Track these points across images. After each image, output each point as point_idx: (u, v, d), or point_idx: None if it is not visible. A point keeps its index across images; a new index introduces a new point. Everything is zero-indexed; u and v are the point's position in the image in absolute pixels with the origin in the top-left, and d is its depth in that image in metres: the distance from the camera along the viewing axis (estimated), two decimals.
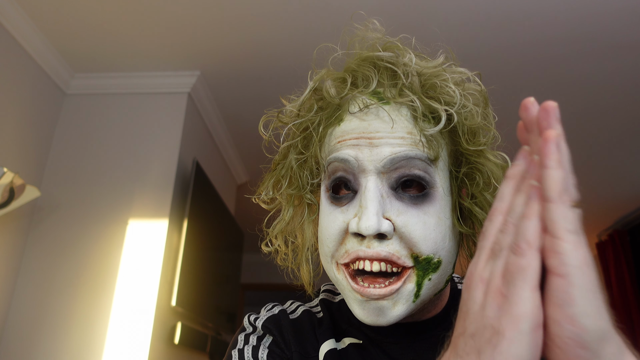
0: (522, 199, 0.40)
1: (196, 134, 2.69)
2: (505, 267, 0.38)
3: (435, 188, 0.58)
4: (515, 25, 2.18)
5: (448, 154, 0.62)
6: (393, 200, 0.57)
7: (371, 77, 0.61)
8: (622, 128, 2.97)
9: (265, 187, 0.69)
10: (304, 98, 0.65)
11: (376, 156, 0.57)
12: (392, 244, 0.56)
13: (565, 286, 0.35)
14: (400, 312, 0.57)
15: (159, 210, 2.31)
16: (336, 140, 0.61)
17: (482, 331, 0.37)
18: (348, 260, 0.58)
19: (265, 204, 0.71)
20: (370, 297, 0.56)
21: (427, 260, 0.57)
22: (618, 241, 4.35)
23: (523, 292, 0.35)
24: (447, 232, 0.58)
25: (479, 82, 0.64)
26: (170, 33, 2.26)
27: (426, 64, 0.62)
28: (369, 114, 0.60)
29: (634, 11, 2.08)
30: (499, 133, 0.64)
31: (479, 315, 0.38)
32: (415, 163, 0.57)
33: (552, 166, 0.37)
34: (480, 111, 0.61)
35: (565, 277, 0.35)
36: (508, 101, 2.84)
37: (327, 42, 0.68)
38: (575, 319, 0.34)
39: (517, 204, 0.40)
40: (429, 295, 0.59)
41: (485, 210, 0.60)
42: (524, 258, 0.36)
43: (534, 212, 0.38)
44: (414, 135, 0.58)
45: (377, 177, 0.57)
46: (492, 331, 0.36)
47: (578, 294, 0.34)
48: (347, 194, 0.60)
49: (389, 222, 0.56)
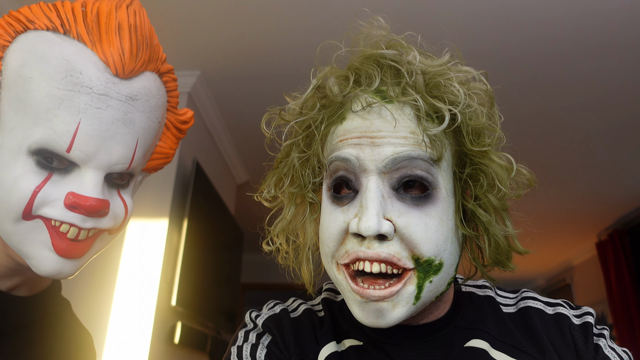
0: None
1: (196, 134, 2.69)
2: None
3: (438, 189, 0.57)
4: (517, 24, 2.18)
5: (452, 155, 0.60)
6: (394, 201, 0.56)
7: (374, 75, 0.60)
8: (622, 128, 2.97)
9: (267, 185, 0.69)
10: (306, 96, 0.65)
11: (378, 156, 0.56)
12: (393, 245, 0.55)
13: None
14: (400, 315, 0.56)
15: (159, 210, 2.31)
16: (338, 139, 0.60)
17: None
18: (348, 260, 0.57)
19: (268, 202, 0.70)
20: (370, 298, 0.55)
21: (428, 262, 0.56)
22: (618, 241, 4.34)
23: None
24: (449, 234, 0.57)
25: (485, 81, 0.63)
26: (170, 33, 2.26)
27: (431, 62, 0.61)
28: (371, 112, 0.59)
29: (634, 11, 2.08)
30: (504, 133, 0.64)
31: None
32: (418, 163, 0.56)
33: None
34: (485, 111, 0.60)
35: None
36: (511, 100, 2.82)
37: (329, 41, 0.68)
38: None
39: None
40: (430, 297, 0.58)
41: (489, 212, 0.59)
42: None
43: None
44: (417, 135, 0.57)
45: (379, 177, 0.57)
46: None
47: None
48: (349, 193, 0.59)
49: (389, 223, 0.55)
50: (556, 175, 3.57)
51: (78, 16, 0.62)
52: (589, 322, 0.64)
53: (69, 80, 0.59)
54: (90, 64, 0.60)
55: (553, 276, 6.03)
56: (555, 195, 3.87)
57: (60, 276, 0.62)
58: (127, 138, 0.62)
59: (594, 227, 4.62)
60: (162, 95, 0.69)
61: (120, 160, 0.62)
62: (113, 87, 0.61)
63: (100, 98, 0.60)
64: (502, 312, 0.67)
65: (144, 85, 0.65)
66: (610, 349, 0.62)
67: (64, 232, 0.60)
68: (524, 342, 0.63)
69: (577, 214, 4.29)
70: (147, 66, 0.66)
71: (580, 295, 5.33)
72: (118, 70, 0.61)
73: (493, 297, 0.69)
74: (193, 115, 0.76)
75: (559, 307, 0.66)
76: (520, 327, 0.65)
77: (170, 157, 0.74)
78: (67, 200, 0.59)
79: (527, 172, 0.63)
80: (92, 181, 0.60)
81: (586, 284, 5.21)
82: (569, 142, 3.13)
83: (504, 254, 0.61)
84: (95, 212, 0.60)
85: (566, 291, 5.62)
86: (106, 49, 0.61)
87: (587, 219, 4.41)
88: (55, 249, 0.60)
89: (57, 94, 0.58)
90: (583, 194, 3.88)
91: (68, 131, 0.58)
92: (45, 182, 0.59)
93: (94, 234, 0.63)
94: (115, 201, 0.65)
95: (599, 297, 4.81)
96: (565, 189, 3.79)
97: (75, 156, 0.59)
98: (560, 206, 4.09)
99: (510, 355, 0.61)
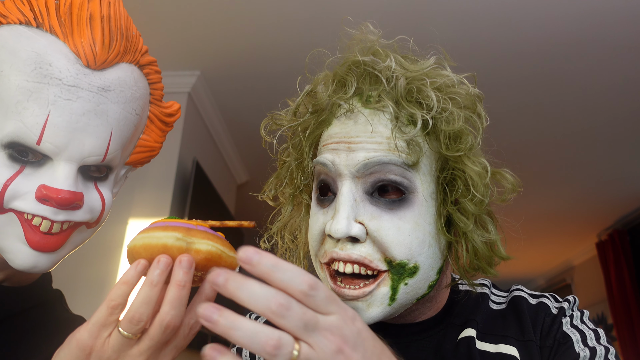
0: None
1: (196, 134, 2.69)
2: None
3: (415, 193, 0.58)
4: (515, 25, 2.18)
5: (435, 159, 0.61)
6: (367, 205, 0.58)
7: (351, 82, 0.62)
8: (622, 128, 2.97)
9: (269, 185, 0.71)
10: (298, 102, 0.67)
11: (351, 161, 0.58)
12: (365, 248, 0.57)
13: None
14: (375, 315, 0.58)
15: (159, 210, 2.31)
16: (322, 144, 0.63)
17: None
18: (326, 260, 0.60)
19: (272, 201, 0.73)
20: (345, 297, 0.58)
21: (401, 265, 0.57)
22: (618, 241, 4.34)
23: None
24: (426, 238, 0.58)
25: (467, 84, 0.63)
26: (170, 33, 2.26)
27: (410, 66, 0.61)
28: (350, 118, 0.61)
29: (634, 12, 2.08)
30: (493, 134, 0.64)
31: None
32: (391, 168, 0.58)
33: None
34: (462, 115, 0.60)
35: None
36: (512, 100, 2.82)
37: (327, 42, 0.69)
38: None
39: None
40: (409, 299, 0.59)
41: (467, 217, 0.60)
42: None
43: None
44: (392, 140, 0.58)
45: (352, 181, 0.58)
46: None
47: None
48: (330, 196, 0.62)
49: (360, 226, 0.57)
50: (556, 175, 3.57)
51: (51, 9, 0.61)
52: (562, 307, 0.65)
53: (38, 72, 0.58)
54: (60, 55, 0.60)
55: (553, 276, 6.03)
56: (555, 195, 3.87)
57: (36, 270, 0.62)
58: (99, 129, 0.61)
59: (594, 227, 4.62)
60: (142, 87, 0.68)
61: (92, 152, 0.62)
62: (84, 78, 0.60)
63: (70, 89, 0.59)
64: (492, 308, 0.69)
65: (119, 76, 0.64)
66: (572, 326, 0.62)
67: (36, 225, 0.60)
68: (509, 329, 0.64)
69: (577, 214, 4.29)
70: (123, 57, 0.65)
71: (580, 296, 5.33)
72: (89, 61, 0.61)
73: (487, 295, 0.71)
74: (179, 108, 0.76)
75: (542, 298, 0.68)
76: (509, 316, 0.66)
77: (156, 150, 0.74)
78: (38, 193, 0.59)
79: (511, 176, 0.63)
80: (63, 173, 0.60)
81: (586, 284, 5.21)
82: (569, 142, 3.13)
83: (483, 260, 0.61)
84: (66, 205, 0.59)
85: (566, 291, 5.62)
86: (77, 40, 0.61)
87: (587, 219, 4.41)
88: (29, 242, 0.60)
89: (26, 86, 0.58)
90: (583, 194, 3.88)
91: (37, 123, 0.58)
92: (16, 175, 0.59)
93: (69, 227, 0.63)
94: (91, 194, 0.64)
95: (599, 297, 4.81)
96: (566, 189, 3.79)
97: (46, 148, 0.59)
98: (561, 206, 4.09)
99: (493, 343, 0.63)
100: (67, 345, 0.48)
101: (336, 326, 0.39)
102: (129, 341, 0.47)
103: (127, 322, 0.45)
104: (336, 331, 0.39)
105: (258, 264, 0.38)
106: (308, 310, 0.39)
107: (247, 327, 0.37)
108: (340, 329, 0.39)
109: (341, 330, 0.39)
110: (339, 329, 0.39)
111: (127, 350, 0.47)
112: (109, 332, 0.47)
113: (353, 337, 0.40)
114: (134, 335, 0.46)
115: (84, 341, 0.47)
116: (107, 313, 0.46)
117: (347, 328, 0.40)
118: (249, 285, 0.38)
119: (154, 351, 0.48)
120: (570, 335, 0.61)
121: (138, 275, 0.47)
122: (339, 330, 0.39)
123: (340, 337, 0.39)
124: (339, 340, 0.39)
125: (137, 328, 0.45)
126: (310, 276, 0.39)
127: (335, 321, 0.39)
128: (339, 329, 0.39)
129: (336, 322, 0.39)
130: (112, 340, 0.46)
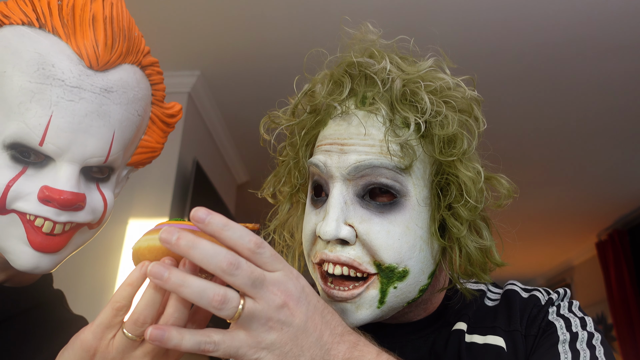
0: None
1: (196, 134, 2.69)
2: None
3: (408, 197, 0.58)
4: (515, 27, 2.18)
5: (431, 163, 0.60)
6: (357, 208, 0.58)
7: (345, 84, 0.62)
8: (622, 128, 2.97)
9: (268, 183, 0.72)
10: (296, 102, 0.67)
11: (343, 163, 0.58)
12: (354, 250, 0.57)
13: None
14: (364, 316, 0.58)
15: (159, 210, 2.31)
16: (318, 144, 0.63)
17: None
18: (317, 260, 0.60)
19: (272, 199, 0.73)
20: (334, 298, 0.58)
21: (390, 268, 0.57)
22: (618, 241, 4.34)
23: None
24: (417, 242, 0.58)
25: (464, 87, 0.63)
26: (170, 33, 2.26)
27: (407, 68, 0.61)
28: (345, 120, 0.61)
29: (634, 13, 2.08)
30: (492, 134, 0.64)
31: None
32: (382, 172, 0.57)
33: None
34: (457, 119, 0.59)
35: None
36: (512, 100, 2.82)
37: (328, 42, 0.69)
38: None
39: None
40: (399, 302, 0.59)
41: (461, 223, 0.59)
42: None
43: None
44: (385, 143, 0.58)
45: (343, 183, 0.58)
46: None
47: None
48: (323, 197, 0.62)
49: (350, 228, 0.57)
50: (556, 175, 3.57)
51: (54, 9, 0.61)
52: (550, 297, 0.65)
53: (41, 73, 0.58)
54: (63, 56, 0.60)
55: (553, 276, 6.03)
56: (555, 195, 3.87)
57: (38, 271, 0.62)
58: (102, 131, 0.62)
59: (594, 227, 4.61)
60: (144, 88, 0.68)
61: (95, 153, 0.62)
62: (86, 80, 0.60)
63: (72, 90, 0.59)
64: (487, 305, 0.69)
65: (121, 77, 0.64)
66: (558, 315, 0.62)
67: (39, 226, 0.60)
68: (497, 320, 0.64)
69: (577, 214, 4.29)
70: (125, 58, 0.65)
71: (580, 295, 5.33)
72: (92, 63, 0.61)
73: (484, 292, 0.71)
74: (181, 109, 0.76)
75: (534, 292, 0.68)
76: (500, 309, 0.66)
77: (157, 151, 0.74)
78: (41, 194, 0.59)
79: (507, 182, 0.63)
80: (66, 174, 0.60)
81: (586, 284, 5.21)
82: (569, 142, 3.13)
83: (477, 266, 0.61)
84: (69, 206, 0.60)
85: None
86: (80, 41, 0.61)
87: (587, 219, 4.40)
88: (31, 243, 0.60)
89: (29, 87, 0.58)
90: (583, 194, 3.87)
91: (40, 124, 0.58)
92: (18, 176, 0.59)
93: (71, 228, 0.63)
94: (93, 195, 0.64)
95: (599, 297, 4.81)
96: (566, 188, 3.79)
97: (49, 149, 0.59)
98: (560, 206, 4.09)
99: (482, 335, 0.64)
100: (71, 346, 0.48)
101: (281, 282, 0.42)
102: (133, 342, 0.47)
103: (132, 323, 0.46)
104: (281, 286, 0.42)
105: (210, 223, 0.42)
106: (256, 268, 0.42)
107: (195, 284, 0.40)
108: (285, 284, 0.43)
109: (286, 285, 0.43)
110: (284, 284, 0.43)
111: (131, 351, 0.47)
112: (113, 333, 0.47)
113: (297, 292, 0.43)
114: (138, 337, 0.46)
115: (88, 342, 0.47)
116: (111, 314, 0.46)
117: (291, 283, 0.43)
118: (200, 244, 0.40)
119: (157, 352, 0.48)
120: (555, 322, 0.61)
121: (143, 277, 0.47)
122: (284, 285, 0.42)
123: (284, 291, 0.42)
124: (284, 295, 0.42)
125: (141, 329, 0.46)
126: (257, 236, 0.43)
127: (280, 277, 0.43)
128: (284, 284, 0.43)
129: (281, 278, 0.43)
130: (116, 342, 0.47)
